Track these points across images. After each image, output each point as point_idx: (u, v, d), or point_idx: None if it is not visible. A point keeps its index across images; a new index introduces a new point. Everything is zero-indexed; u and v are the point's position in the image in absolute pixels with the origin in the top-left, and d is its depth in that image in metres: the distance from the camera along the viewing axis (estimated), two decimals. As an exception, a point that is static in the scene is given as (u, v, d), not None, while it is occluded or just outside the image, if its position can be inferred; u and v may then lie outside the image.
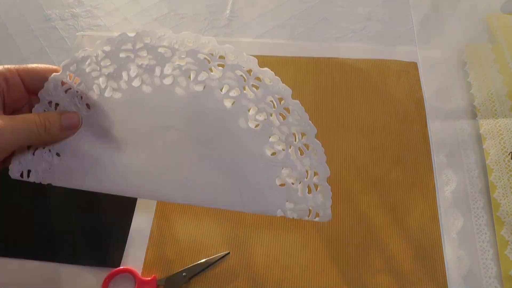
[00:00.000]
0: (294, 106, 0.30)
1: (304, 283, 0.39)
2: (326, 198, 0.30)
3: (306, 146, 0.30)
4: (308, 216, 0.31)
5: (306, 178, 0.31)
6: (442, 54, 0.51)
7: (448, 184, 0.43)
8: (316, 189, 0.30)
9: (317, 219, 0.31)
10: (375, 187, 0.43)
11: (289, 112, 0.30)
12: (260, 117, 0.31)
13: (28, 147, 0.33)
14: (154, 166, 0.32)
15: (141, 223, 0.42)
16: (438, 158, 0.44)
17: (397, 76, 0.50)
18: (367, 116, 0.47)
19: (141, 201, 0.43)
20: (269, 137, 0.31)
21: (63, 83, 0.32)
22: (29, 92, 0.33)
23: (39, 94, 0.33)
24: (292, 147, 0.30)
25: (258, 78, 0.30)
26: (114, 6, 0.59)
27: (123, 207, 0.43)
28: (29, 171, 0.33)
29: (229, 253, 0.40)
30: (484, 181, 0.42)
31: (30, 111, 0.33)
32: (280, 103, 0.30)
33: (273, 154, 0.31)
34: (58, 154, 0.33)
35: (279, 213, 0.31)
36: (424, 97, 0.48)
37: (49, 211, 0.43)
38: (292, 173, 0.31)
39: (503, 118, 0.45)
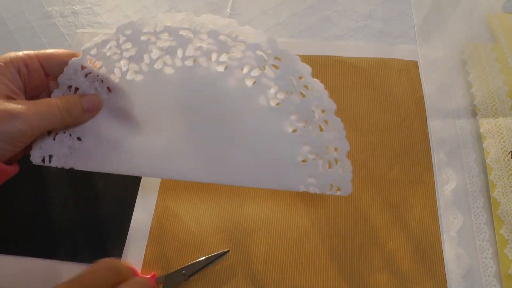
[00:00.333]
0: (314, 83, 0.30)
1: (303, 281, 0.39)
2: (346, 172, 0.31)
3: (326, 122, 0.31)
4: (330, 191, 0.31)
5: (327, 153, 0.31)
6: (442, 53, 0.51)
7: (448, 182, 0.43)
8: (336, 164, 0.31)
9: (338, 193, 0.31)
10: (375, 185, 0.43)
11: (308, 90, 0.30)
12: (281, 96, 0.31)
13: (49, 132, 0.33)
14: (176, 146, 0.32)
15: (141, 220, 0.42)
16: (438, 157, 0.44)
17: (398, 75, 0.50)
18: (367, 114, 0.47)
19: (141, 198, 0.43)
20: (290, 115, 0.31)
21: (83, 67, 0.32)
22: (48, 78, 0.33)
23: (58, 79, 0.33)
24: (312, 123, 0.31)
25: (277, 58, 0.30)
26: (115, 3, 0.59)
27: (123, 204, 0.43)
28: (50, 156, 0.34)
29: (228, 251, 0.40)
30: (484, 180, 0.42)
31: (49, 96, 0.33)
32: (300, 81, 0.30)
33: (294, 131, 0.31)
34: (79, 138, 0.34)
35: (302, 188, 0.32)
36: (424, 96, 0.48)
37: (49, 208, 0.43)
38: (312, 149, 0.31)
39: (503, 117, 0.45)
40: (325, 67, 0.51)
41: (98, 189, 0.43)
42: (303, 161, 0.31)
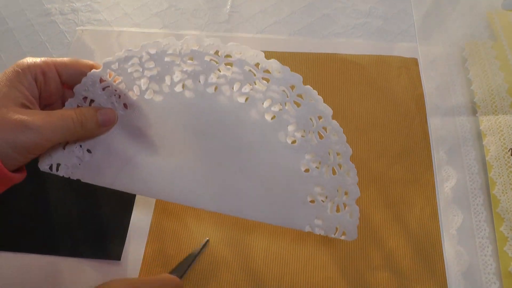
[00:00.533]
0: (333, 126, 0.30)
1: (303, 279, 0.39)
2: (354, 217, 0.31)
3: (340, 166, 0.31)
4: (335, 234, 0.32)
5: (337, 197, 0.31)
6: (442, 50, 0.51)
7: (448, 180, 0.43)
8: (345, 208, 0.31)
9: (343, 237, 0.32)
10: (375, 184, 0.43)
11: (327, 132, 0.31)
12: (298, 134, 0.31)
13: None
14: (188, 172, 0.32)
15: (141, 218, 0.42)
16: (438, 155, 0.44)
17: (398, 72, 0.50)
18: (367, 112, 0.47)
19: (141, 195, 0.43)
20: (305, 154, 0.31)
21: (101, 80, 0.32)
22: (63, 86, 0.33)
23: (74, 89, 0.32)
24: (326, 166, 0.31)
25: (300, 95, 0.30)
26: (114, 0, 0.59)
27: (123, 201, 0.43)
28: (58, 165, 0.33)
29: (208, 240, 0.39)
30: (484, 178, 0.42)
31: (63, 105, 0.33)
32: (319, 121, 0.31)
33: (306, 170, 0.31)
34: (89, 151, 0.33)
35: (307, 228, 0.32)
36: (424, 94, 0.48)
37: (50, 206, 0.43)
38: (323, 191, 0.31)
39: (503, 114, 0.45)
40: (324, 65, 0.51)
41: (98, 187, 0.43)
42: (312, 201, 0.31)
